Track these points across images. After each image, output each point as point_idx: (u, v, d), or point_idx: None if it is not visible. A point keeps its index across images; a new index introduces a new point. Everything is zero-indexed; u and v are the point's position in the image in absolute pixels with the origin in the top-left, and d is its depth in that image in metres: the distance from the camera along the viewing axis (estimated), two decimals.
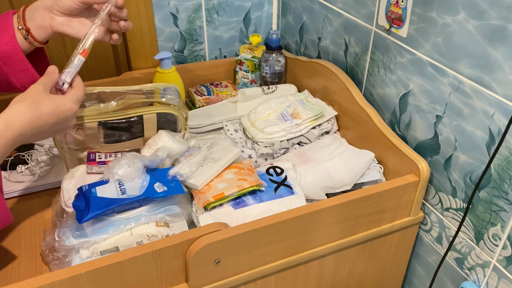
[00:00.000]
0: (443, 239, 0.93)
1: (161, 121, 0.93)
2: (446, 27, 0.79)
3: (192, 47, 1.33)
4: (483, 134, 0.78)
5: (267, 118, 1.07)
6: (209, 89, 1.26)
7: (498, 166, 0.76)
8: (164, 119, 0.93)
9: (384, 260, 0.98)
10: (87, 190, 0.79)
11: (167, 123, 0.94)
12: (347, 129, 1.08)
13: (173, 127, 0.95)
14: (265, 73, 1.27)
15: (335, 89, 1.09)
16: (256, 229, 0.76)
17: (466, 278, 0.90)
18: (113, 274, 0.69)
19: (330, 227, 0.84)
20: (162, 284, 0.75)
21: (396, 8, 0.89)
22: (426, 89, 0.87)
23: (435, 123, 0.87)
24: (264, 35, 1.41)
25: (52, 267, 0.77)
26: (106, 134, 0.90)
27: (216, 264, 0.76)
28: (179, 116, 0.93)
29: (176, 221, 0.81)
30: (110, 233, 0.76)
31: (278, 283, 0.87)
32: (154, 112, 0.90)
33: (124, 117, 0.89)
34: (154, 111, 0.90)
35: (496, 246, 0.81)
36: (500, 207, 0.78)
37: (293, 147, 1.04)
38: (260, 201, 0.84)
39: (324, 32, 1.16)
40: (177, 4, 1.25)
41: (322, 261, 0.89)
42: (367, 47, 1.01)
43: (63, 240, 0.75)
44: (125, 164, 0.81)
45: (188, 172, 0.84)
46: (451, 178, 0.86)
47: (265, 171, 0.91)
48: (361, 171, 0.93)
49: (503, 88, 0.72)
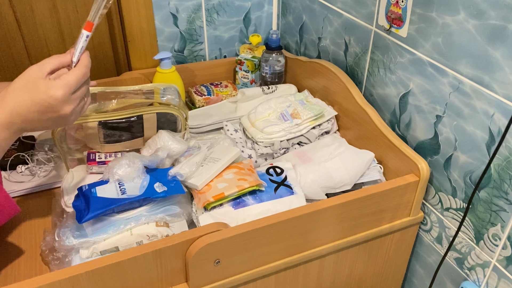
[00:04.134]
0: (443, 239, 0.93)
1: (161, 121, 0.93)
2: (446, 27, 0.79)
3: (192, 47, 1.33)
4: (483, 134, 0.78)
5: (267, 118, 1.07)
6: (209, 89, 1.26)
7: (498, 166, 0.76)
8: (164, 119, 0.94)
9: (384, 260, 0.98)
10: (87, 190, 0.79)
11: (167, 123, 0.95)
12: (347, 129, 1.08)
13: (173, 127, 0.96)
14: (265, 73, 1.27)
15: (335, 89, 1.09)
16: (256, 229, 0.76)
17: (466, 278, 0.90)
18: (113, 274, 0.69)
19: (330, 227, 0.84)
20: (162, 284, 0.75)
21: (396, 8, 0.89)
22: (426, 89, 0.87)
23: (435, 123, 0.87)
24: (264, 35, 1.41)
25: (52, 267, 0.77)
26: (106, 134, 0.90)
27: (216, 264, 0.76)
28: (179, 116, 0.93)
29: (176, 221, 0.81)
30: (110, 233, 0.76)
31: (278, 283, 0.87)
32: (154, 112, 0.90)
33: (124, 116, 0.89)
34: (154, 111, 0.90)
35: (496, 246, 0.81)
36: (500, 207, 0.78)
37: (293, 147, 1.04)
38: (260, 201, 0.84)
39: (324, 32, 1.16)
40: (177, 4, 1.25)
41: (322, 261, 0.89)
42: (367, 47, 1.01)
43: (63, 240, 0.75)
44: (125, 164, 0.81)
45: (188, 172, 0.84)
46: (451, 178, 0.86)
47: (265, 171, 0.91)
48: (361, 171, 0.93)
49: (503, 88, 0.72)
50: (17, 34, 1.17)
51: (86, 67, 0.69)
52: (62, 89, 0.66)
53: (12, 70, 1.20)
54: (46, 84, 0.66)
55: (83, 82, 0.69)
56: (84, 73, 0.69)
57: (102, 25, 1.24)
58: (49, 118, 0.68)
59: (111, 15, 1.23)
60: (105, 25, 1.25)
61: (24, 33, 1.17)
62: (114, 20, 1.24)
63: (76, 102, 0.68)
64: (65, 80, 0.66)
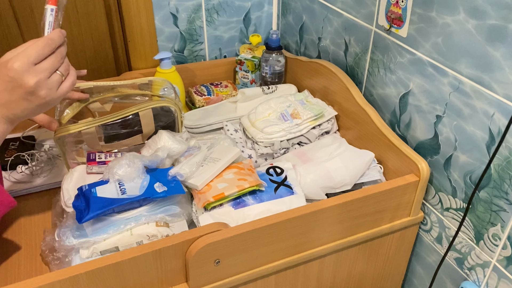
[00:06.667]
0: (443, 239, 0.93)
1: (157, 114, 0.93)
2: (446, 27, 0.79)
3: (192, 47, 1.33)
4: (483, 134, 0.78)
5: (267, 118, 1.07)
6: (209, 89, 1.26)
7: (498, 166, 0.76)
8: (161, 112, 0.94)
9: (384, 260, 0.98)
10: (87, 190, 0.79)
11: (164, 115, 0.95)
12: (347, 129, 1.08)
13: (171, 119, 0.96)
14: (265, 73, 1.27)
15: (335, 89, 1.09)
16: (256, 229, 0.76)
17: (466, 278, 0.90)
18: (113, 274, 0.69)
19: (330, 227, 0.84)
20: (162, 284, 0.75)
21: (396, 8, 0.89)
22: (426, 89, 0.87)
23: (435, 123, 0.87)
24: (264, 35, 1.41)
25: (52, 267, 0.77)
26: (105, 135, 0.90)
27: (216, 264, 0.76)
28: (173, 106, 0.93)
29: (176, 221, 0.81)
30: (110, 233, 0.76)
31: (278, 283, 0.87)
32: (149, 107, 0.91)
33: (120, 117, 0.89)
34: (148, 106, 0.90)
35: (496, 246, 0.81)
36: (500, 207, 0.78)
37: (293, 147, 1.04)
38: (260, 201, 0.84)
39: (324, 32, 1.16)
40: (177, 4, 1.25)
41: (322, 261, 0.89)
42: (367, 47, 1.01)
43: (63, 240, 0.75)
44: (125, 164, 0.81)
45: (188, 172, 0.84)
46: (451, 178, 0.86)
47: (265, 171, 0.91)
48: (361, 171, 0.93)
49: (503, 88, 0.72)
50: (17, 34, 1.17)
51: (50, 39, 0.67)
52: (19, 59, 0.64)
53: None
54: (5, 58, 0.65)
55: (49, 53, 0.67)
56: (46, 44, 0.67)
57: (102, 25, 1.25)
58: (19, 96, 0.66)
59: (111, 15, 1.23)
60: (105, 25, 1.25)
61: (24, 33, 1.18)
62: (114, 20, 1.24)
63: (42, 73, 0.66)
64: (22, 50, 0.65)
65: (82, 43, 1.25)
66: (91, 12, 1.21)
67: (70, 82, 0.71)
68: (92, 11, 1.21)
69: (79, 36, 1.24)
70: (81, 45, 1.25)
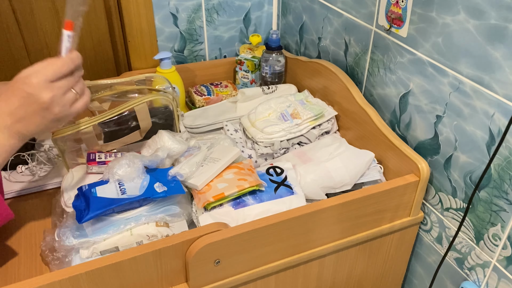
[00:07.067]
0: (443, 239, 0.93)
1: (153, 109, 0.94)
2: (446, 27, 0.79)
3: (192, 47, 1.33)
4: (483, 134, 0.78)
5: (267, 118, 1.07)
6: (209, 89, 1.26)
7: (498, 166, 0.76)
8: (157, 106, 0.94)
9: (384, 260, 0.98)
10: (87, 190, 0.79)
11: (160, 111, 0.95)
12: (347, 129, 1.08)
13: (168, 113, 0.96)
14: (265, 73, 1.27)
15: (335, 89, 1.09)
16: (256, 229, 0.76)
17: (466, 278, 0.90)
18: (113, 274, 0.69)
19: (330, 227, 0.84)
20: (162, 284, 0.75)
21: (396, 8, 0.89)
22: (426, 89, 0.87)
23: (435, 123, 0.87)
24: (264, 35, 1.41)
25: (52, 267, 0.77)
26: (103, 134, 0.90)
27: (216, 264, 0.76)
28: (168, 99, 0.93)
29: (176, 221, 0.81)
30: (110, 233, 0.76)
31: (278, 283, 0.87)
32: (144, 101, 0.90)
33: (116, 114, 0.89)
34: (143, 100, 0.90)
35: (496, 246, 0.81)
36: (500, 207, 0.78)
37: (293, 147, 1.04)
38: (260, 201, 0.84)
39: (324, 32, 1.16)
40: (177, 4, 1.25)
41: (322, 261, 0.89)
42: (367, 47, 1.01)
43: (63, 240, 0.75)
44: (125, 164, 0.81)
45: (188, 172, 0.84)
46: (451, 178, 0.86)
47: (265, 171, 0.91)
48: (361, 171, 0.93)
49: (503, 88, 0.72)
50: (17, 34, 1.17)
51: (70, 59, 0.69)
52: (37, 76, 0.66)
53: (12, 70, 1.20)
54: (23, 74, 0.67)
55: (66, 73, 0.68)
56: (65, 63, 0.68)
57: (102, 25, 1.25)
58: (34, 111, 0.67)
59: (111, 15, 1.23)
60: (105, 25, 1.25)
61: (24, 33, 1.18)
62: (114, 20, 1.24)
63: (57, 90, 0.67)
64: (41, 68, 0.67)
65: (82, 43, 1.25)
66: (91, 12, 1.21)
67: (84, 102, 0.72)
68: (92, 11, 1.21)
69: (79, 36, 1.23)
70: (81, 45, 1.25)
